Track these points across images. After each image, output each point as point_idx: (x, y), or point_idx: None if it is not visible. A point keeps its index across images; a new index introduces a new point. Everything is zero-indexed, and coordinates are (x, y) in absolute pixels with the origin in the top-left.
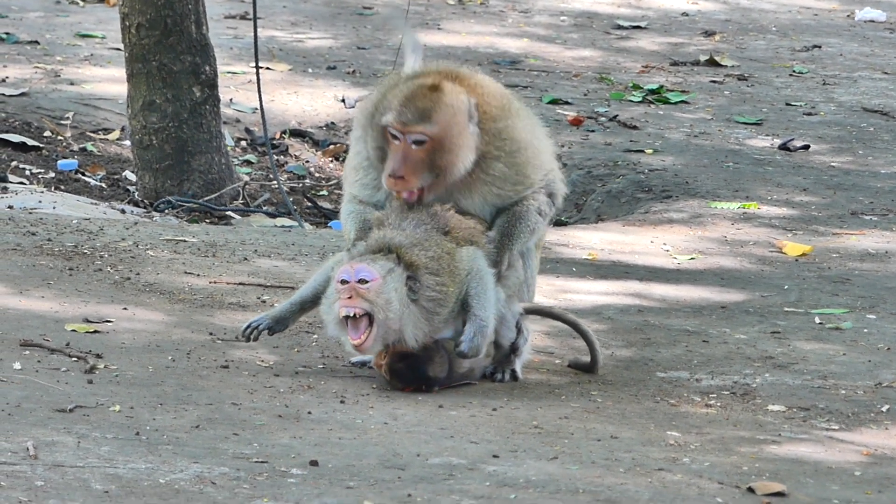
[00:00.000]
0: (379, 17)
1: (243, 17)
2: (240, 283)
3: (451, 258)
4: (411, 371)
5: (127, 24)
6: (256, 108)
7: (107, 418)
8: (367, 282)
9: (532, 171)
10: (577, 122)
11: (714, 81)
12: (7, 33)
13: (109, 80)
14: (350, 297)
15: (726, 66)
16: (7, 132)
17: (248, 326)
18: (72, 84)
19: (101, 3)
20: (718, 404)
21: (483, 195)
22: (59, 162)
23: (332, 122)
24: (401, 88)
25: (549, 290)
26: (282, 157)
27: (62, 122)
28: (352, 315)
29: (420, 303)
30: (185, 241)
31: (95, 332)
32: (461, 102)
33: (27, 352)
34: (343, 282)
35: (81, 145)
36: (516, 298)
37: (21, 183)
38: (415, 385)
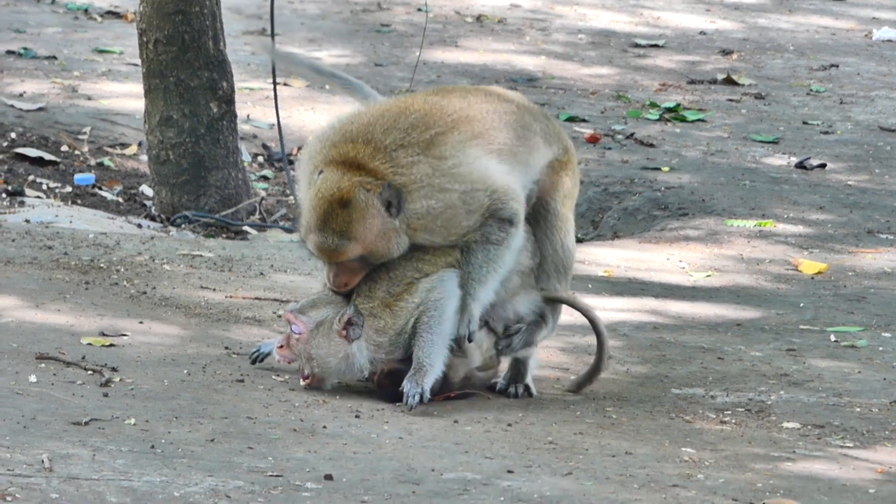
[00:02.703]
0: (396, 35)
1: (261, 34)
2: (256, 298)
3: (408, 290)
4: (395, 387)
5: (144, 39)
6: (273, 124)
7: (122, 431)
8: (297, 334)
9: (464, 219)
10: (593, 140)
11: (731, 100)
12: (25, 48)
13: (127, 96)
14: (281, 347)
15: (743, 85)
16: (24, 146)
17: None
18: (89, 99)
19: (119, 19)
20: (733, 421)
21: (427, 243)
22: (76, 176)
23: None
24: (315, 206)
25: (564, 307)
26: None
27: (79, 136)
28: (280, 361)
29: (365, 340)
30: (201, 255)
31: (111, 345)
32: (372, 206)
33: (43, 365)
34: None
35: (98, 160)
36: (525, 293)
37: (38, 197)
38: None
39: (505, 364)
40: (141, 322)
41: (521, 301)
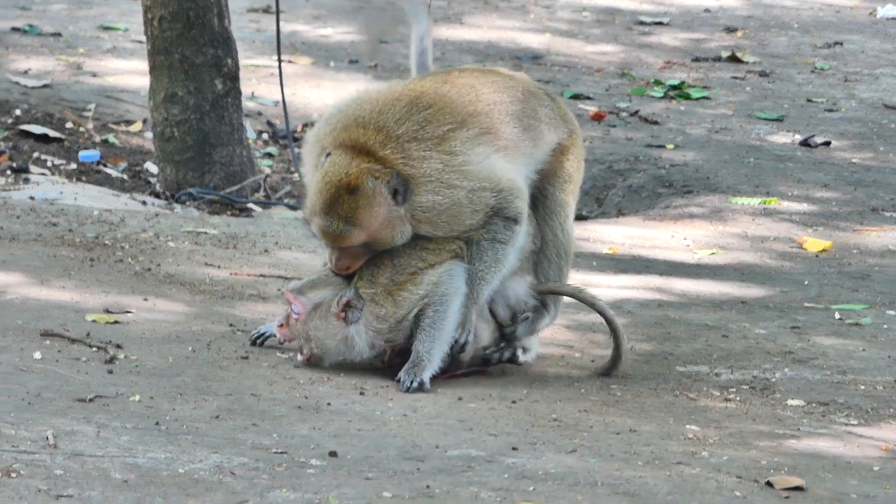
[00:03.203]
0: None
1: (266, 11)
2: (260, 275)
3: (412, 280)
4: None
5: (149, 16)
6: (278, 101)
7: (126, 408)
8: (296, 314)
9: (469, 218)
10: (598, 118)
11: (735, 77)
12: (30, 25)
13: (132, 73)
14: (281, 326)
15: (748, 63)
16: (29, 123)
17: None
18: (94, 76)
19: None
20: (738, 398)
21: (426, 233)
22: (80, 153)
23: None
24: (321, 190)
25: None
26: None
27: (84, 113)
28: (281, 340)
29: (364, 324)
30: (205, 232)
31: (116, 322)
32: (379, 194)
33: (48, 341)
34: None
35: (103, 137)
36: (523, 276)
37: (43, 174)
38: None
39: None
40: (145, 299)
41: (519, 283)
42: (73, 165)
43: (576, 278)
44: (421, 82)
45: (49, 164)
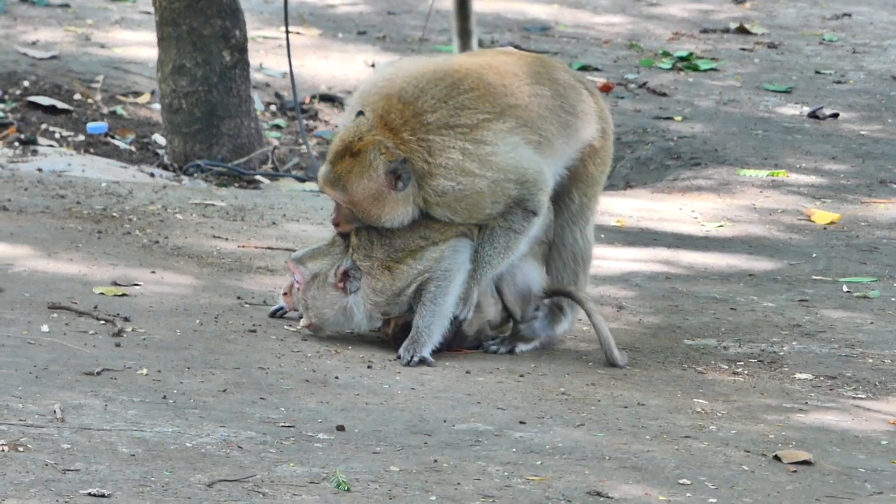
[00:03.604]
0: None
1: None
2: (268, 248)
3: (412, 255)
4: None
5: None
6: (286, 73)
7: (134, 382)
8: (297, 283)
9: (489, 206)
10: (606, 89)
11: (744, 49)
12: None
13: (140, 44)
14: (285, 294)
15: (756, 34)
16: (37, 95)
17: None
18: (102, 47)
19: None
20: (745, 372)
21: (442, 217)
22: (88, 125)
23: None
24: (335, 143)
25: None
26: (311, 121)
27: (92, 85)
28: (287, 309)
29: (363, 296)
30: (213, 205)
31: (123, 295)
32: (375, 170)
33: (55, 314)
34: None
35: (111, 108)
36: (534, 262)
37: (50, 146)
38: None
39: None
40: (153, 272)
41: (530, 269)
42: (81, 137)
43: None
44: (469, 61)
45: (57, 135)
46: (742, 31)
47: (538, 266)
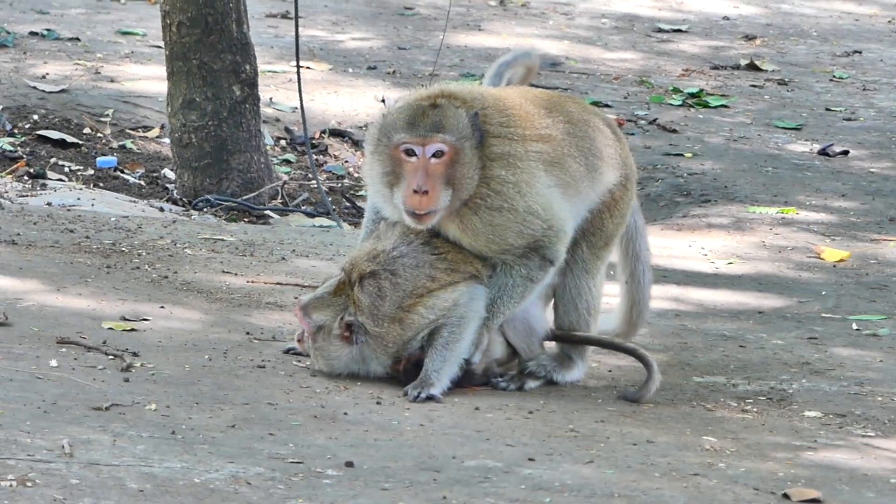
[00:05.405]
0: (419, 18)
1: (284, 16)
2: (277, 283)
3: (421, 302)
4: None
5: (168, 21)
6: (296, 108)
7: (142, 417)
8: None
9: (512, 237)
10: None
11: (754, 86)
12: (48, 30)
13: (150, 78)
14: (299, 340)
15: (766, 71)
16: (47, 129)
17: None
18: (112, 81)
19: (143, 1)
20: (755, 410)
21: (463, 240)
22: (98, 159)
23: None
24: (404, 109)
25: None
26: (321, 156)
27: (102, 119)
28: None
29: (371, 349)
30: (223, 239)
31: (132, 330)
32: (461, 116)
33: (64, 349)
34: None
35: (121, 143)
36: (538, 300)
37: (60, 180)
38: None
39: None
40: (162, 307)
41: (531, 307)
42: (91, 171)
43: None
44: (503, 90)
45: (66, 169)
46: (752, 67)
47: (540, 303)
